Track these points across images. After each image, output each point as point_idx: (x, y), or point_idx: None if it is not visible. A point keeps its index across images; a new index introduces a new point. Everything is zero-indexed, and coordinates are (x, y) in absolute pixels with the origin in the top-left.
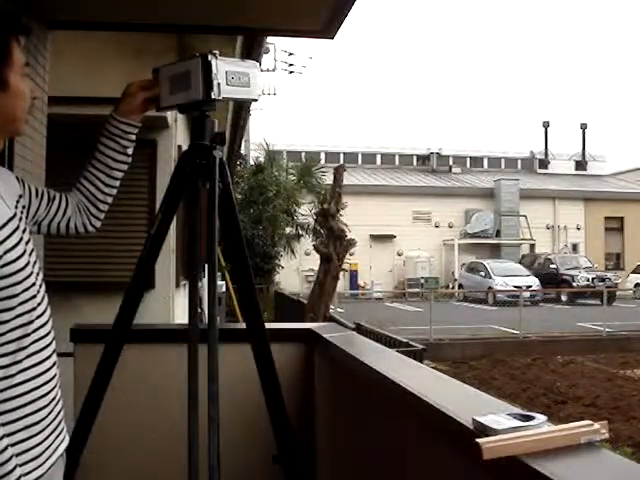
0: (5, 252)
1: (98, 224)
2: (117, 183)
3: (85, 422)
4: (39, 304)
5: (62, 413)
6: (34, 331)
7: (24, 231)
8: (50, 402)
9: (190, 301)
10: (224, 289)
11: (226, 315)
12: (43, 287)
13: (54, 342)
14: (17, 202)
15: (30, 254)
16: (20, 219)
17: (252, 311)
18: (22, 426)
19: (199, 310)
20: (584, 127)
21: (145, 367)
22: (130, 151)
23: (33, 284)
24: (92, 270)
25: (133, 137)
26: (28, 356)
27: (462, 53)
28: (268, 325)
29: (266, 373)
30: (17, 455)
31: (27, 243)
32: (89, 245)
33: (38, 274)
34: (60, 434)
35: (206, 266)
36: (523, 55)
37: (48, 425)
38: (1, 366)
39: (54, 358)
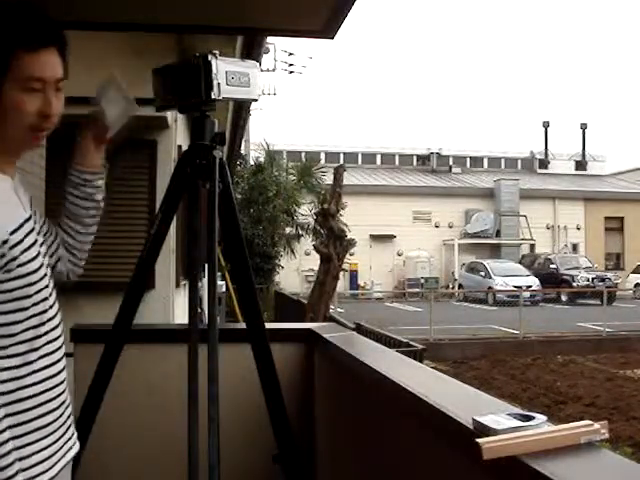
0: (22, 252)
1: (79, 271)
2: (92, 229)
3: (85, 422)
4: (51, 307)
5: (72, 418)
6: (46, 333)
7: (38, 233)
8: (60, 405)
9: (190, 301)
10: (224, 289)
11: (226, 315)
12: (55, 290)
13: (64, 346)
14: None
15: (44, 256)
16: (35, 221)
17: (252, 311)
18: (33, 428)
19: (199, 310)
20: (584, 127)
21: (145, 367)
22: (99, 197)
23: (46, 286)
24: (92, 270)
25: (98, 183)
26: (40, 358)
27: (462, 53)
28: (268, 325)
29: (266, 373)
30: (26, 457)
31: (41, 245)
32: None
33: (51, 277)
34: (70, 439)
35: (206, 266)
36: (523, 55)
37: (58, 428)
38: (12, 366)
39: (64, 362)
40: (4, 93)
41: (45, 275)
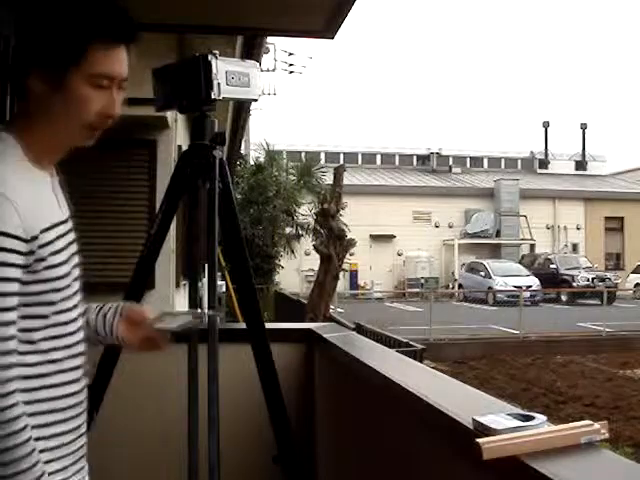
0: (50, 254)
1: None
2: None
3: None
4: (75, 319)
5: (85, 448)
6: (67, 347)
7: (72, 242)
8: (76, 428)
9: (190, 301)
10: (224, 289)
11: (226, 315)
12: (82, 304)
13: (85, 366)
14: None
15: (75, 266)
16: (71, 229)
17: (252, 311)
18: (49, 446)
19: (199, 310)
20: (584, 127)
21: (145, 367)
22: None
23: (71, 296)
24: (92, 270)
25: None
26: (57, 372)
27: (462, 53)
28: (268, 325)
29: (266, 373)
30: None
31: (75, 254)
32: (89, 245)
33: (79, 289)
34: (82, 463)
35: (206, 266)
36: (523, 55)
37: (72, 453)
38: (28, 376)
39: (84, 382)
40: (71, 85)
41: (72, 284)
